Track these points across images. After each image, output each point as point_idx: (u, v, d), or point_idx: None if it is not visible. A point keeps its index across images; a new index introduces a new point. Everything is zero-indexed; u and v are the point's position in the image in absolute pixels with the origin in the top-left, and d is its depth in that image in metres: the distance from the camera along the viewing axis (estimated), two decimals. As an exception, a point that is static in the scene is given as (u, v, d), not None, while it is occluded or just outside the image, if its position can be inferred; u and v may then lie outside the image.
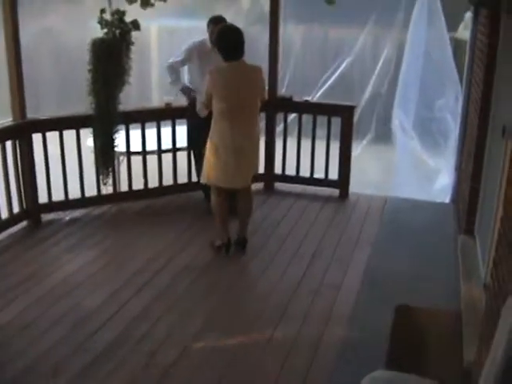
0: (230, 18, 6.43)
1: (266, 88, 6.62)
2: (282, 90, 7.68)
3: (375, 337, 4.27)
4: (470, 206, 5.52)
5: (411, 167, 7.62)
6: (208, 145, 5.43)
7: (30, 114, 6.07)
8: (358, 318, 4.67)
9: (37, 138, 6.09)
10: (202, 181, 5.64)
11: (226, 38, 5.32)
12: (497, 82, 5.09)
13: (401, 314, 4.54)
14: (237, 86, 5.27)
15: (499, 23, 4.97)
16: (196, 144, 6.44)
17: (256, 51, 5.65)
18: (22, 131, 5.97)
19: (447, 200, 7.01)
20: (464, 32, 7.04)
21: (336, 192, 7.22)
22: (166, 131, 6.88)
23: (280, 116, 7.31)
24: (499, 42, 5.04)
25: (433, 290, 5.02)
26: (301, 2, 7.43)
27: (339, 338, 4.41)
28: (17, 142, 5.97)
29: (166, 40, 10.66)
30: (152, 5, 5.87)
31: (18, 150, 5.98)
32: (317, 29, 8.97)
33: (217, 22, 6.14)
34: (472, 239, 5.47)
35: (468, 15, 6.83)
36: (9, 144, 5.93)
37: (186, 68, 6.57)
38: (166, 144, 6.91)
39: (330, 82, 8.18)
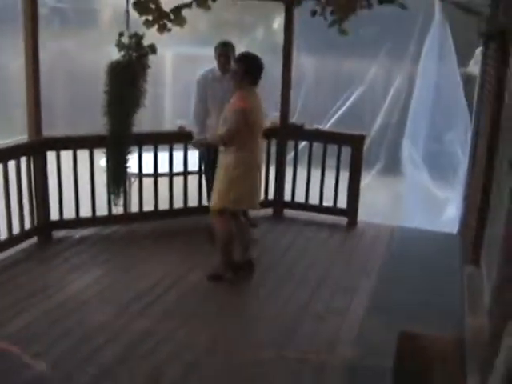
0: (245, 46, 6.56)
1: (276, 115, 6.81)
2: (294, 118, 7.76)
3: (379, 361, 4.29)
4: (477, 236, 5.54)
5: (420, 198, 7.67)
6: (235, 169, 5.47)
7: (45, 133, 6.17)
8: (363, 343, 4.69)
9: (51, 155, 6.20)
10: (219, 206, 5.60)
11: (259, 63, 5.45)
12: (504, 115, 5.15)
13: (404, 339, 4.54)
14: (260, 109, 5.49)
15: (508, 56, 5.04)
16: (208, 168, 6.54)
17: (269, 79, 5.77)
18: (37, 148, 6.08)
19: (455, 231, 7.05)
20: (474, 67, 7.13)
21: (344, 220, 7.27)
22: (178, 154, 6.98)
23: (291, 143, 7.40)
24: (508, 75, 5.10)
25: (438, 318, 5.03)
26: (314, 33, 7.54)
27: (344, 362, 4.44)
28: (31, 159, 6.07)
29: (180, 66, 10.84)
30: (169, 30, 5.99)
31: (32, 167, 6.08)
32: (329, 59, 9.12)
33: (226, 45, 6.37)
34: (478, 269, 5.48)
35: (478, 51, 6.93)
36: (23, 160, 6.02)
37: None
38: (178, 167, 7.01)
39: (341, 112, 8.29)
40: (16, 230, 6.03)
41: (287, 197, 7.48)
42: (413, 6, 5.93)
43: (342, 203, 7.24)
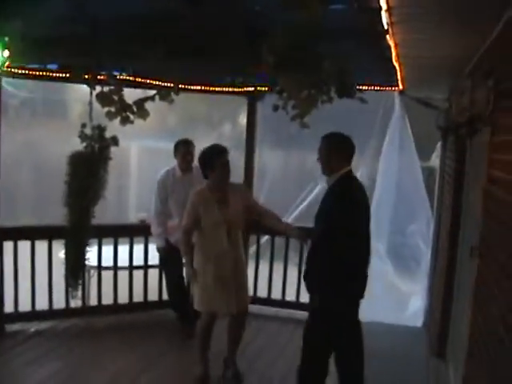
0: (212, 141, 6.58)
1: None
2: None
3: None
4: (442, 329, 5.49)
5: (384, 291, 7.58)
6: None
7: (4, 222, 6.08)
8: None
9: (8, 245, 6.08)
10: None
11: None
12: (465, 205, 5.21)
13: None
14: None
15: (466, 149, 5.14)
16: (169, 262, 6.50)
17: (235, 174, 5.77)
18: (-7, 238, 5.97)
19: (419, 324, 6.97)
20: (436, 160, 7.27)
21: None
22: (139, 248, 6.90)
23: (253, 238, 7.36)
24: (466, 166, 5.20)
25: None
26: (278, 128, 7.66)
27: None
28: (-14, 249, 5.95)
29: (145, 159, 10.90)
30: (131, 122, 6.03)
31: (-14, 257, 5.95)
32: (292, 154, 9.24)
33: (189, 143, 6.39)
34: (444, 362, 5.40)
35: (439, 145, 7.08)
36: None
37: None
38: (138, 260, 6.91)
39: (303, 205, 8.29)
40: (-34, 322, 5.82)
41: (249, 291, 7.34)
42: (373, 100, 6.07)
43: (305, 298, 7.11)
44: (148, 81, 6.30)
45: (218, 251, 5.19)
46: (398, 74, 5.54)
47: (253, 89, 6.97)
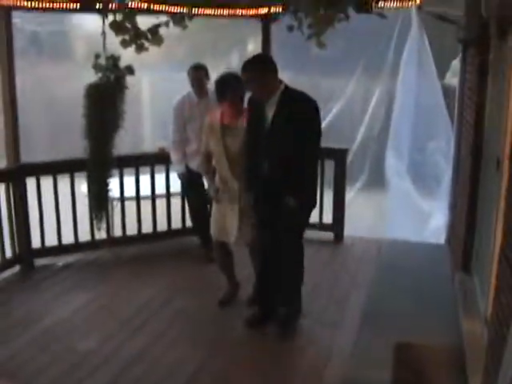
0: (220, 71, 6.51)
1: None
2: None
3: (376, 374, 4.20)
4: (466, 243, 5.50)
5: (405, 210, 7.61)
6: None
7: (26, 159, 6.12)
8: (359, 356, 4.60)
9: (31, 182, 6.10)
10: None
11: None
12: (487, 119, 5.15)
13: (401, 351, 4.48)
14: None
15: (487, 60, 5.04)
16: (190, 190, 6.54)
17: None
18: (16, 175, 6.00)
19: (441, 241, 7.01)
20: (451, 79, 7.15)
21: (331, 235, 7.19)
22: (160, 177, 6.90)
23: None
24: (489, 79, 5.10)
25: (433, 328, 4.95)
26: (291, 51, 7.53)
27: (340, 377, 4.33)
28: (10, 186, 5.97)
29: (156, 89, 10.78)
30: (146, 49, 5.93)
31: (11, 194, 5.98)
32: (307, 77, 9.09)
33: (198, 69, 6.29)
34: (469, 276, 5.44)
35: (454, 63, 6.97)
36: (2, 188, 5.93)
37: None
38: (160, 189, 6.93)
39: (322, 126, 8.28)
40: (-4, 259, 5.90)
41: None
42: (389, 17, 5.94)
43: (328, 219, 7.17)
44: (161, 7, 6.15)
45: (223, 181, 5.17)
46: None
47: (266, 10, 6.81)
